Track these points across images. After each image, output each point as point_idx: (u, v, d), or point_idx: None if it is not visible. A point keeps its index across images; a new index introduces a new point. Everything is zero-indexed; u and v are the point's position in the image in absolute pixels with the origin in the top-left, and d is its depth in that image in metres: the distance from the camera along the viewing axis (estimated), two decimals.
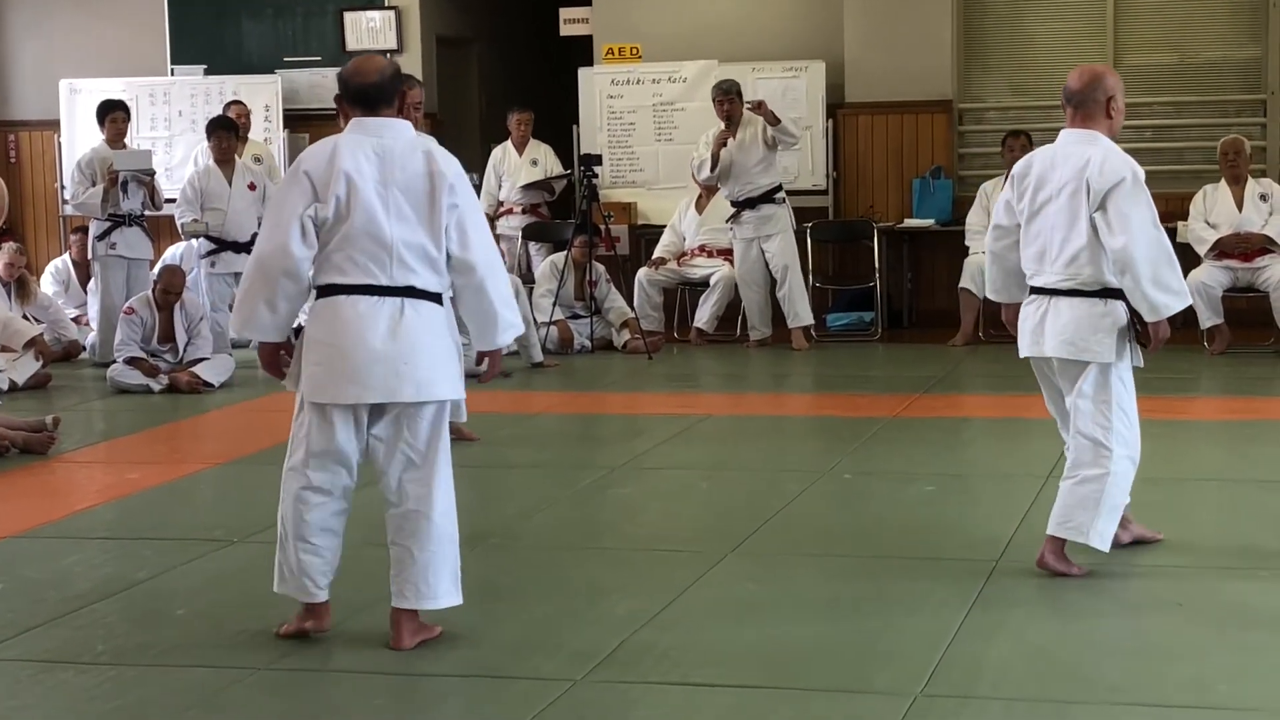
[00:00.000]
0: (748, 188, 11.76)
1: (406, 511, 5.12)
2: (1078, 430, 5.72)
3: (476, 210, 5.15)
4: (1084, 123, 5.77)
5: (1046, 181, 5.74)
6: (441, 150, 5.18)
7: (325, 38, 14.26)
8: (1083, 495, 5.67)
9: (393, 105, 5.16)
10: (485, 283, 5.07)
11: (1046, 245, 5.73)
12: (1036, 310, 5.79)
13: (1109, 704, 4.48)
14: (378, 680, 4.86)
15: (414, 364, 5.00)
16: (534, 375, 10.83)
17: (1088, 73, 5.83)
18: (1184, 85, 12.70)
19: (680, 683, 4.75)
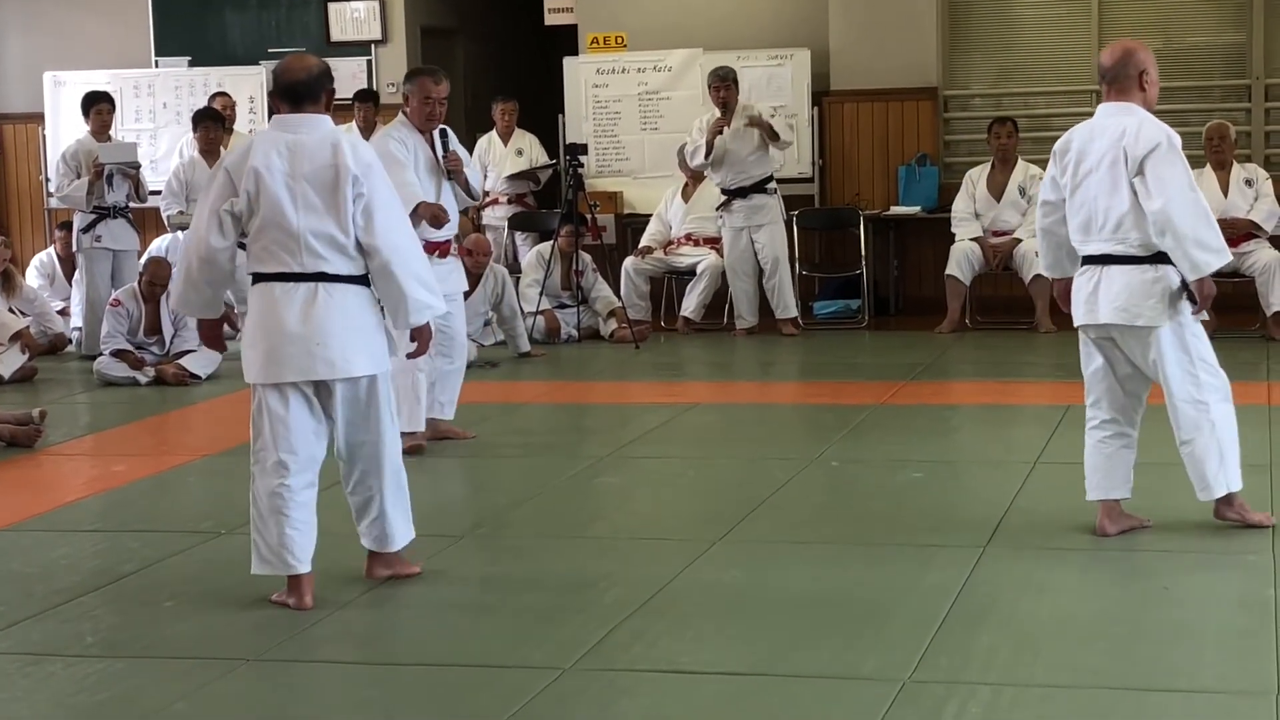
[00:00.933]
0: (740, 176, 11.77)
1: (359, 471, 5.57)
2: (1175, 396, 5.94)
3: (385, 199, 5.44)
4: (1119, 96, 5.99)
5: (1087, 154, 5.96)
6: (353, 143, 5.49)
7: (309, 29, 14.23)
8: (1202, 455, 5.96)
9: (318, 102, 5.50)
10: (390, 265, 5.39)
11: (1092, 214, 5.93)
12: (1089, 280, 6.00)
13: (1096, 688, 4.50)
14: (366, 670, 4.87)
15: (325, 344, 5.36)
16: (521, 365, 10.83)
17: (1119, 49, 6.04)
18: (1169, 71, 12.65)
19: (668, 670, 4.75)
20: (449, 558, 6.03)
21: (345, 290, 5.41)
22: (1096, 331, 6.05)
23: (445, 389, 7.96)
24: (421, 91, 7.67)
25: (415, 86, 7.71)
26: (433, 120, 7.72)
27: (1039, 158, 12.05)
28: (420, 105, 7.69)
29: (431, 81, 7.66)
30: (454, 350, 7.95)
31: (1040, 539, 6.07)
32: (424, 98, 7.66)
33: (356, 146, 5.48)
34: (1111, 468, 6.07)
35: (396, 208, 5.55)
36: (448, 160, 7.79)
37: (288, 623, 5.28)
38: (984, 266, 11.72)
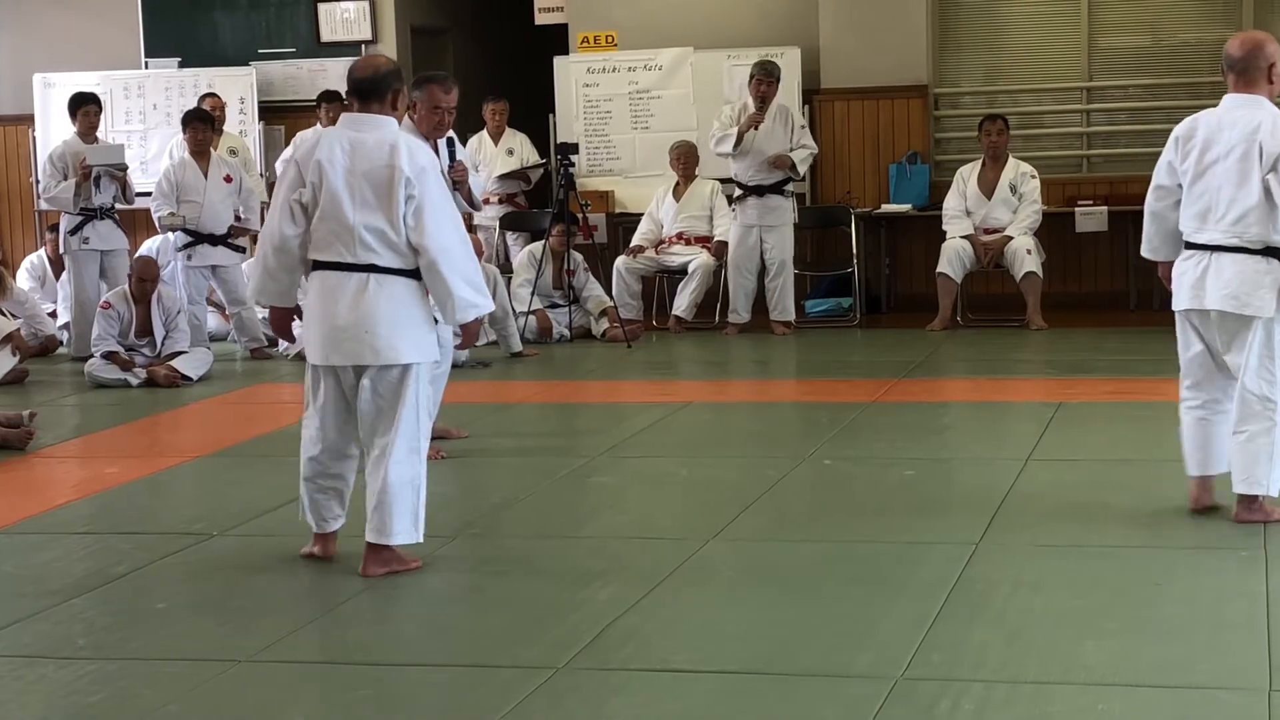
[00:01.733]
0: (760, 174, 11.76)
1: (374, 457, 5.76)
2: (1244, 387, 5.97)
3: (435, 201, 5.68)
4: (1247, 88, 6.06)
5: (1214, 143, 6.00)
6: (410, 146, 5.74)
7: (299, 29, 14.22)
8: (1256, 451, 5.97)
9: (383, 101, 5.78)
10: (437, 265, 5.64)
11: (1212, 204, 5.97)
12: (1196, 265, 6.04)
13: (1088, 684, 4.50)
14: (360, 670, 4.86)
15: (374, 332, 5.67)
16: (513, 365, 10.82)
17: (1249, 41, 6.15)
18: (1158, 67, 12.73)
19: (661, 669, 4.75)
20: (442, 557, 6.02)
21: (395, 282, 5.69)
22: (1199, 317, 6.11)
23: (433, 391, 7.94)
24: (431, 100, 7.46)
25: (425, 94, 7.45)
26: (440, 129, 7.51)
27: (1029, 155, 12.11)
28: (429, 114, 7.42)
29: (442, 90, 7.41)
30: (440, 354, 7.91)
31: (1032, 535, 6.08)
32: (433, 106, 7.42)
33: (413, 150, 5.72)
34: (1212, 445, 6.17)
35: (447, 209, 5.76)
36: (454, 171, 7.72)
37: (280, 623, 5.28)
38: (975, 264, 11.73)
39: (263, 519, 6.74)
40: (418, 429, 5.76)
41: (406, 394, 5.72)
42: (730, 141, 11.65)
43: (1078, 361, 10.20)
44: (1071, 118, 12.92)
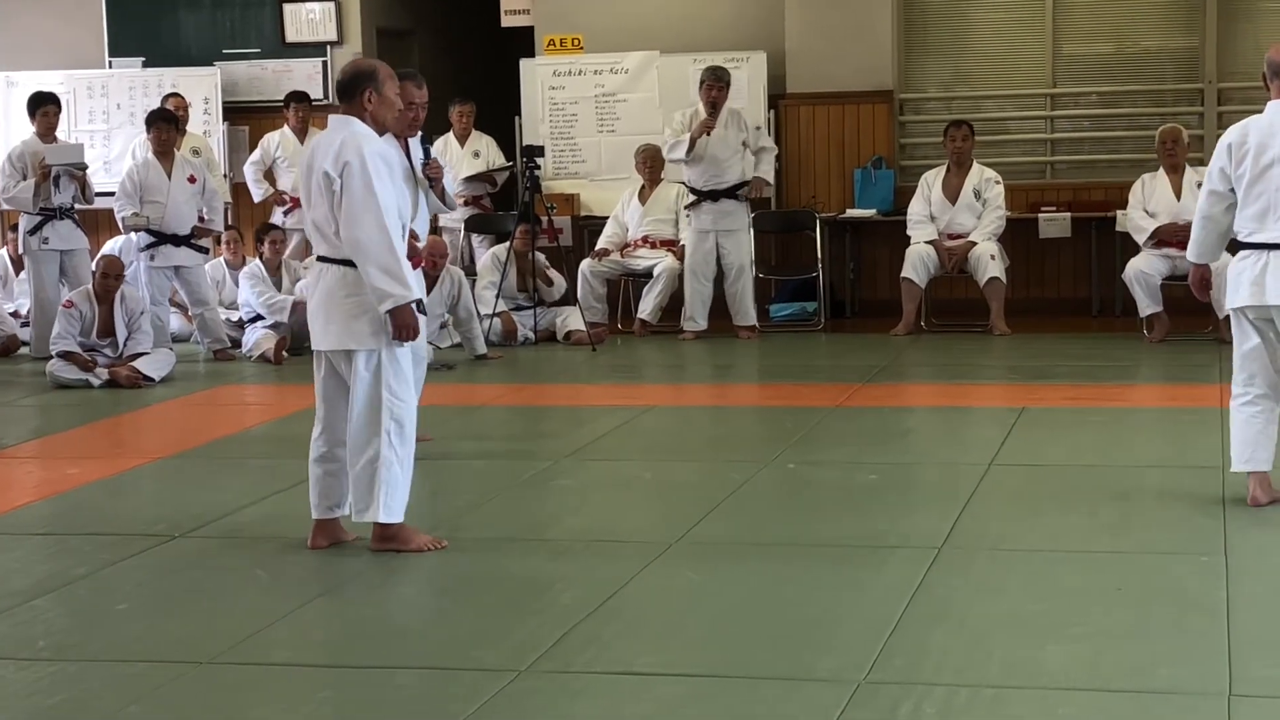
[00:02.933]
0: (716, 179, 11.77)
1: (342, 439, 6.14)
2: None
3: (355, 195, 5.89)
4: None
5: (1268, 147, 6.20)
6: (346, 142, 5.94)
7: (264, 29, 14.18)
8: None
9: (353, 101, 6.05)
10: (355, 257, 5.93)
11: (1271, 204, 6.20)
12: (1255, 264, 6.25)
13: (1050, 689, 4.51)
14: (322, 673, 4.85)
15: (319, 319, 6.10)
16: (477, 367, 10.81)
17: None
18: (1122, 75, 12.80)
19: (624, 672, 4.75)
20: (405, 559, 6.01)
21: (333, 270, 6.03)
22: (1257, 313, 6.28)
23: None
24: (405, 96, 7.51)
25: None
26: (414, 126, 7.53)
27: (993, 161, 12.16)
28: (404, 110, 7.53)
29: (414, 86, 7.46)
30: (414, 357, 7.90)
31: (995, 540, 6.10)
32: (406, 102, 7.49)
33: (345, 145, 5.93)
34: (1264, 441, 6.35)
35: (365, 204, 5.89)
36: (429, 169, 7.69)
37: (242, 625, 5.26)
38: (939, 269, 11.77)
39: (224, 520, 6.71)
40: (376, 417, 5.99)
41: (359, 380, 5.99)
42: (683, 148, 11.66)
43: (1041, 367, 10.23)
44: (1036, 124, 12.97)
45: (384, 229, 5.89)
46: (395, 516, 6.07)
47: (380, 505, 6.01)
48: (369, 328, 5.98)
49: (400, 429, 6.05)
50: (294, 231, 13.15)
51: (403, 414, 6.07)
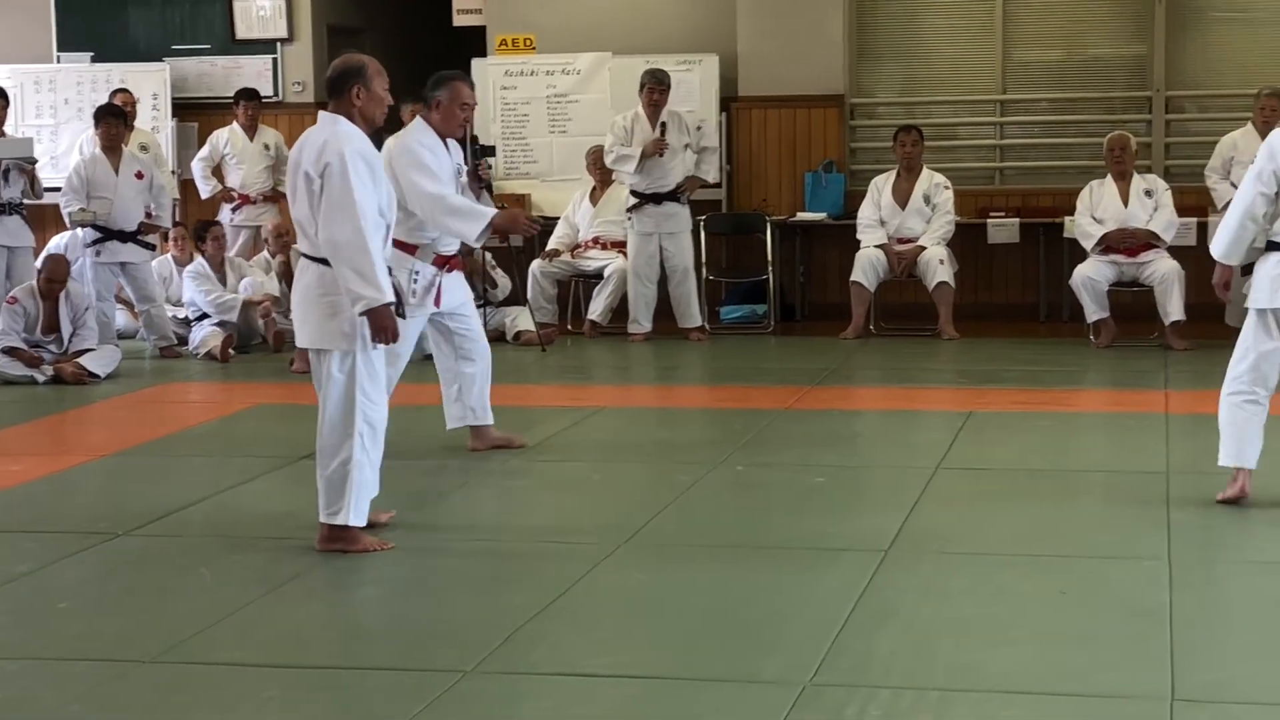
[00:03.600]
0: (659, 182, 11.76)
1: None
2: None
3: (335, 196, 5.87)
4: None
5: None
6: (328, 142, 5.92)
7: (214, 26, 14.11)
8: None
9: (340, 99, 6.04)
10: (331, 256, 5.92)
11: None
12: None
13: (994, 692, 4.53)
14: (266, 672, 4.82)
15: (298, 315, 6.15)
16: (426, 367, 10.74)
17: None
18: (1071, 82, 12.86)
19: (570, 674, 4.74)
20: (350, 560, 5.99)
21: (312, 269, 6.04)
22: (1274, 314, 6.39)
23: (470, 393, 7.88)
24: (458, 97, 7.44)
25: (450, 91, 7.45)
26: (463, 128, 7.58)
27: (943, 166, 12.20)
28: (457, 111, 7.44)
29: (467, 87, 7.49)
30: (475, 352, 7.87)
31: (941, 544, 6.11)
32: (461, 103, 7.44)
33: (327, 145, 5.92)
34: (1258, 441, 6.48)
35: (344, 205, 5.86)
36: (481, 169, 7.67)
37: (185, 624, 5.22)
38: (888, 273, 11.80)
39: (169, 519, 6.67)
40: (343, 419, 5.99)
41: (328, 379, 6.00)
42: (632, 163, 11.66)
43: (988, 371, 10.28)
44: (985, 130, 13.03)
45: (360, 231, 5.86)
46: (362, 519, 6.08)
47: (351, 508, 6.01)
48: (344, 328, 5.97)
49: (373, 431, 6.05)
50: (241, 229, 13.11)
51: (375, 416, 6.06)
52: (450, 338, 7.78)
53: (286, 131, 13.55)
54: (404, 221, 7.26)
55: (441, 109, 7.44)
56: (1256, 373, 6.46)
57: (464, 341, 7.80)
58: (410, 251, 7.41)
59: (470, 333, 7.83)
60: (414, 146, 7.44)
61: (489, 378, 7.89)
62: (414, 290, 7.41)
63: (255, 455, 7.99)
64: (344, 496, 6.00)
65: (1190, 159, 12.32)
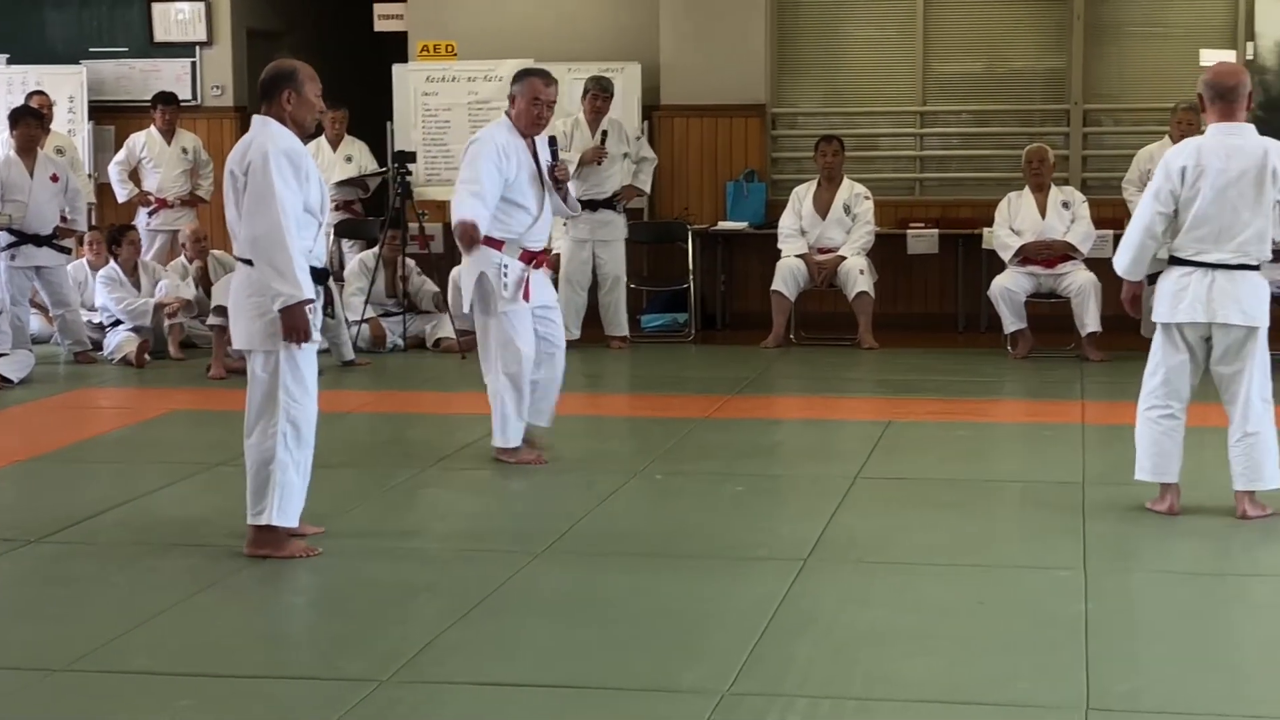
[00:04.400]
0: (594, 190, 11.74)
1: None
2: (1253, 392, 6.43)
3: (257, 194, 5.86)
4: (1233, 116, 6.39)
5: (1225, 170, 6.33)
6: (255, 141, 5.95)
7: (132, 28, 13.99)
8: (1265, 448, 6.43)
9: (272, 103, 6.03)
10: (252, 253, 5.92)
11: (1224, 227, 6.35)
12: (1199, 282, 6.39)
13: (912, 701, 4.55)
14: (181, 682, 4.76)
15: (232, 316, 6.14)
16: (345, 374, 10.72)
17: (1238, 71, 6.52)
18: (991, 94, 12.96)
19: (488, 682, 4.72)
20: (268, 567, 5.94)
21: (243, 270, 6.03)
22: (1197, 330, 6.44)
23: (546, 396, 7.87)
24: (531, 92, 7.42)
25: (524, 87, 7.45)
26: (540, 124, 7.50)
27: (864, 177, 12.25)
28: (529, 107, 7.42)
29: (542, 83, 7.45)
30: (555, 358, 7.84)
31: (859, 553, 6.13)
32: (533, 98, 7.42)
33: (253, 145, 5.92)
34: (1176, 454, 6.54)
35: (264, 201, 5.85)
36: (557, 169, 7.61)
37: (98, 632, 5.16)
38: (809, 283, 11.84)
39: (82, 525, 6.59)
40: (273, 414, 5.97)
41: (255, 378, 6.01)
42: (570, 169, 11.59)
43: (907, 381, 10.33)
44: (905, 141, 13.10)
45: (279, 227, 5.85)
46: (289, 520, 6.04)
47: (274, 508, 5.99)
48: (270, 329, 5.96)
49: (297, 432, 6.03)
50: (158, 233, 12.99)
51: (299, 417, 6.03)
52: (537, 341, 7.73)
53: (204, 135, 13.46)
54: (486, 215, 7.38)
55: (515, 105, 7.47)
56: (1169, 387, 6.52)
57: (548, 346, 7.78)
58: (497, 247, 7.45)
59: (554, 337, 7.82)
60: (485, 140, 7.47)
61: (560, 386, 7.86)
62: (505, 284, 7.46)
63: (171, 461, 7.92)
64: (267, 497, 5.98)
65: (1107, 171, 12.45)
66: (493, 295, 7.52)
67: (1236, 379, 6.44)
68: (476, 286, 7.54)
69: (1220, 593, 5.72)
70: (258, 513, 6.01)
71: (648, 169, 12.10)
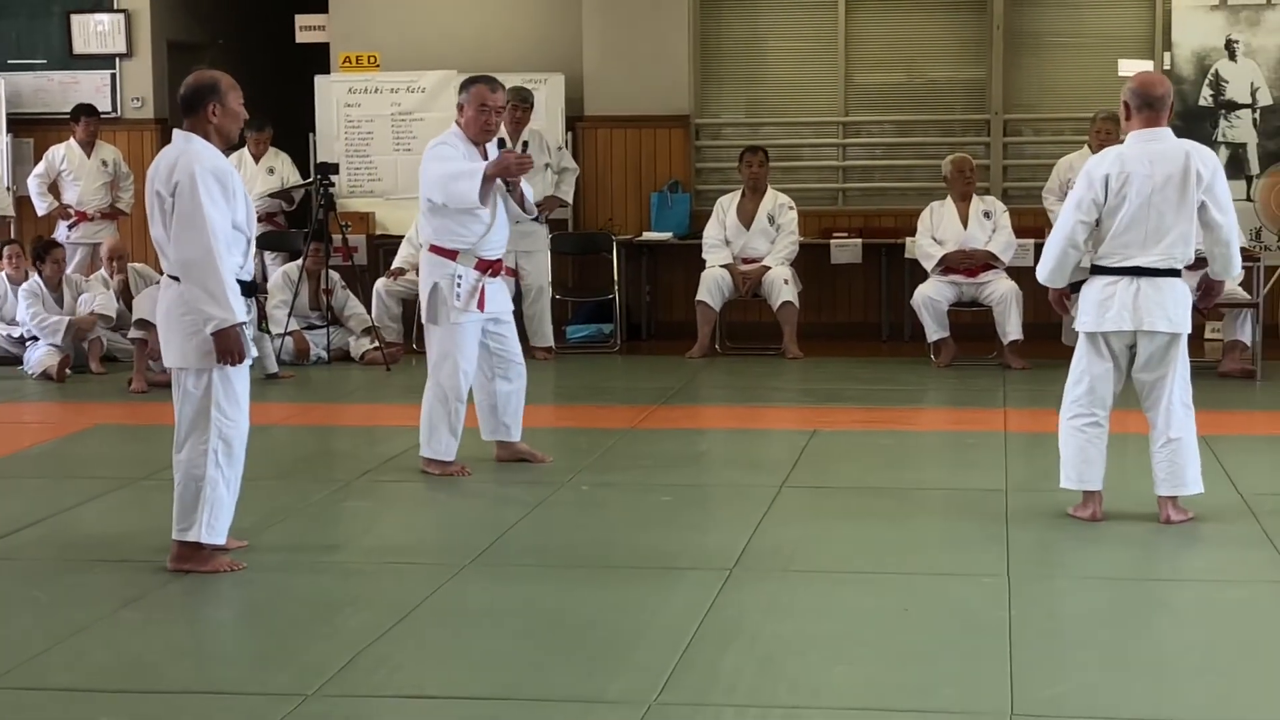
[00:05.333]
0: None
1: None
2: (1173, 398, 6.49)
3: (184, 213, 5.80)
4: (1156, 123, 6.45)
5: (1149, 175, 6.37)
6: (177, 160, 5.87)
7: (51, 40, 13.86)
8: (1187, 453, 6.50)
9: (197, 117, 5.95)
10: (183, 276, 5.88)
11: (1151, 231, 6.39)
12: (1126, 289, 6.43)
13: (837, 709, 4.56)
14: (103, 698, 4.72)
15: (162, 335, 6.04)
16: (268, 387, 10.65)
17: (1163, 80, 6.60)
18: (912, 104, 13.06)
19: (413, 695, 4.70)
20: (190, 582, 5.89)
21: (173, 288, 5.95)
22: (1120, 338, 6.48)
23: (507, 410, 7.85)
24: (478, 99, 7.44)
25: (471, 95, 7.48)
26: (489, 131, 7.51)
27: (787, 187, 12.31)
28: (476, 114, 7.45)
29: (489, 89, 7.47)
30: (510, 371, 7.81)
31: (785, 561, 6.15)
32: (479, 105, 7.43)
33: (178, 164, 5.84)
34: (1100, 461, 6.58)
35: (194, 223, 5.80)
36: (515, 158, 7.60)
37: (18, 649, 5.10)
38: (734, 293, 11.87)
39: (2, 542, 6.52)
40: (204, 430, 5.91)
41: (186, 395, 5.95)
42: None
43: (832, 390, 10.38)
44: (828, 151, 13.17)
45: (209, 250, 5.80)
46: (217, 538, 5.99)
47: (203, 525, 5.94)
48: (202, 347, 5.90)
49: (229, 449, 5.98)
50: (79, 246, 12.88)
51: (231, 434, 5.99)
52: (488, 356, 7.74)
53: (125, 148, 13.35)
54: (438, 225, 7.44)
55: (464, 113, 7.49)
56: (1093, 395, 6.57)
57: (500, 362, 7.79)
58: (450, 257, 7.46)
59: (506, 351, 7.81)
60: (440, 148, 7.52)
61: (523, 396, 7.86)
62: (458, 294, 7.46)
63: (94, 476, 7.84)
64: (195, 513, 5.93)
65: (1027, 181, 12.57)
66: (444, 305, 7.51)
67: (1159, 385, 6.51)
68: (430, 295, 7.51)
69: (1143, 598, 5.78)
70: (184, 529, 5.96)
71: (569, 179, 12.11)
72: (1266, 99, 11.97)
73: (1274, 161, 11.90)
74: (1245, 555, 6.21)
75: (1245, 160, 12.01)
